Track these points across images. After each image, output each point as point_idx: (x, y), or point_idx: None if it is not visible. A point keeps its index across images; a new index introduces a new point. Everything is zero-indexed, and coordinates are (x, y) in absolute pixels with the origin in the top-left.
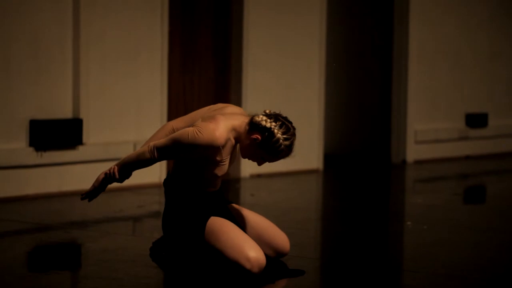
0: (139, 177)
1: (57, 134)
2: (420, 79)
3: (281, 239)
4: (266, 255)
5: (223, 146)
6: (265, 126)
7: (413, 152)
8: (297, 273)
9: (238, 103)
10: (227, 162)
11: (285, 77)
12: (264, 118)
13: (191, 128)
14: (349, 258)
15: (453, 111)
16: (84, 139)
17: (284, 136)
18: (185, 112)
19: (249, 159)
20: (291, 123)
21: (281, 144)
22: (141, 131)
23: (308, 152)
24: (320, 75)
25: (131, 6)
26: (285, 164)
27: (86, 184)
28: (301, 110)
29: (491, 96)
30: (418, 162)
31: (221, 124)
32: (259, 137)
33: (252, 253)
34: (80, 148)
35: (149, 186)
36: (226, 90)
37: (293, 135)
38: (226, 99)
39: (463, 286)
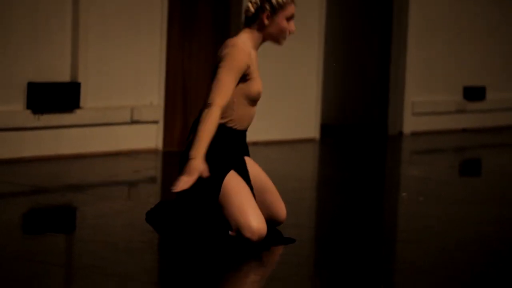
0: (136, 142)
1: (55, 98)
2: (418, 51)
3: (280, 207)
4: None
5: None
6: (256, 2)
7: (410, 123)
8: (291, 241)
9: None
10: (257, 75)
11: (283, 47)
12: (249, 3)
13: (222, 61)
14: (344, 228)
15: (450, 83)
16: (82, 103)
17: None
18: (183, 81)
19: (284, 35)
20: None
21: None
22: (139, 97)
23: (305, 121)
24: (319, 45)
25: None
26: (282, 133)
27: (83, 147)
28: (299, 79)
29: (489, 70)
30: (414, 134)
31: (234, 41)
32: (265, 10)
33: (255, 223)
34: (78, 111)
35: (146, 152)
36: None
37: None
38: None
39: (457, 259)
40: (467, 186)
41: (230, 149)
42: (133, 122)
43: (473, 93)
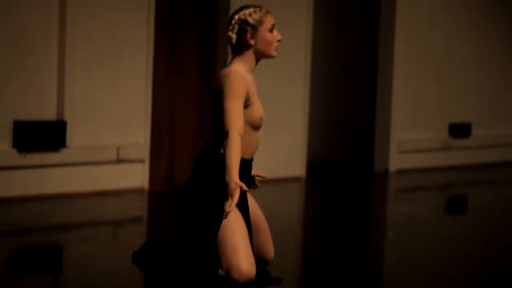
0: (122, 181)
1: (41, 136)
2: (404, 88)
3: (270, 248)
4: None
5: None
6: (234, 26)
7: (396, 161)
8: (278, 282)
9: None
10: (257, 99)
11: (269, 84)
12: (229, 32)
13: (223, 92)
14: (330, 268)
15: (436, 120)
16: (68, 142)
17: (245, 7)
18: (170, 118)
19: (273, 47)
20: None
21: (248, 6)
22: (125, 136)
23: (291, 160)
24: (305, 82)
25: (117, 8)
26: (268, 171)
27: (69, 187)
28: (285, 117)
29: (475, 107)
30: (400, 172)
31: (228, 70)
32: (246, 32)
33: (245, 266)
34: (64, 150)
35: (132, 191)
36: (211, 96)
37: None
38: (210, 106)
39: None
40: (453, 224)
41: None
42: (119, 161)
43: (459, 130)
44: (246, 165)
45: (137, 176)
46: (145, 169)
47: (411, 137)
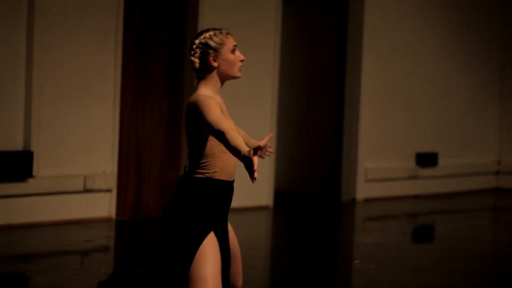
0: (89, 211)
1: (8, 166)
2: (371, 118)
3: (240, 278)
4: None
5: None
6: (196, 50)
7: (363, 190)
8: None
9: None
10: (230, 118)
11: (237, 112)
12: (191, 57)
13: (200, 112)
14: None
15: (403, 150)
16: (35, 172)
17: (205, 31)
18: (137, 148)
19: (237, 67)
20: None
21: (208, 30)
22: (92, 165)
23: (258, 189)
24: (272, 112)
25: (84, 37)
26: (235, 200)
27: (35, 216)
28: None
29: (442, 136)
30: (368, 201)
31: (196, 95)
32: (208, 55)
33: None
34: (30, 180)
35: (98, 220)
36: (179, 124)
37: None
38: (178, 134)
39: None
40: (419, 253)
41: (216, 205)
42: (86, 190)
43: (426, 160)
44: (227, 187)
45: (104, 206)
46: (112, 198)
47: (378, 166)
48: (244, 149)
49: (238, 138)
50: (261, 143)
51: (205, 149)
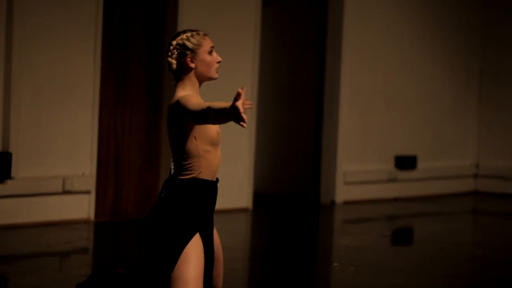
0: (68, 212)
1: None
2: (350, 121)
3: (220, 281)
4: None
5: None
6: (173, 51)
7: (342, 193)
8: None
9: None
10: None
11: None
12: (168, 58)
13: (179, 104)
14: None
15: (382, 153)
16: (13, 173)
17: (182, 32)
18: (116, 148)
19: (213, 69)
20: None
21: (185, 31)
22: (71, 166)
23: (237, 191)
24: (251, 114)
25: (64, 41)
26: None
27: (14, 218)
28: (231, 148)
29: (421, 139)
30: (347, 203)
31: (175, 95)
32: (185, 56)
33: None
34: (9, 182)
35: (77, 222)
36: (158, 126)
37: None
38: (158, 136)
39: None
40: (398, 255)
41: (202, 206)
42: (65, 192)
43: (405, 162)
44: (212, 187)
45: (83, 207)
46: (91, 200)
47: (357, 168)
48: (228, 104)
49: (220, 102)
50: (239, 90)
51: (190, 150)
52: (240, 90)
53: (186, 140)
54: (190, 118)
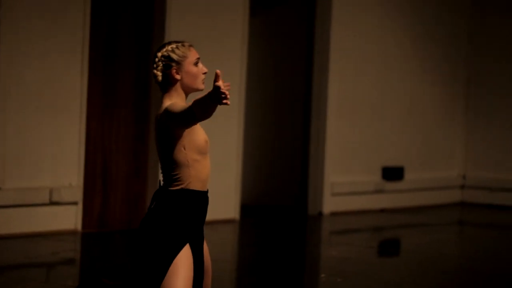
0: (55, 223)
1: None
2: (338, 132)
3: None
4: None
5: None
6: (158, 63)
7: (330, 204)
8: None
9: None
10: (198, 125)
11: (203, 127)
12: (154, 70)
13: (166, 111)
14: None
15: (369, 164)
16: (0, 184)
17: (167, 43)
18: (103, 159)
19: (199, 80)
20: None
21: (170, 42)
22: (58, 177)
23: (225, 202)
24: (238, 125)
25: (51, 52)
26: None
27: (1, 229)
28: (219, 159)
29: (408, 150)
30: (334, 214)
31: (162, 107)
32: (171, 68)
33: None
34: None
35: (64, 233)
36: (145, 136)
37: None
38: (145, 147)
39: None
40: (386, 266)
41: (192, 216)
42: (52, 203)
43: (392, 173)
44: (202, 198)
45: (70, 218)
46: (78, 211)
47: (344, 179)
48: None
49: (202, 95)
50: (217, 72)
51: (179, 160)
52: (218, 71)
53: (175, 149)
54: (179, 122)
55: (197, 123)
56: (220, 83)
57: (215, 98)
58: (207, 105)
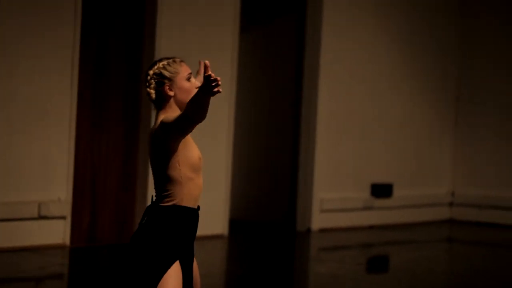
0: (43, 237)
1: None
2: (327, 148)
3: None
4: None
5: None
6: (150, 81)
7: (318, 220)
8: None
9: (147, 165)
10: (192, 141)
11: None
12: (147, 88)
13: (161, 124)
14: None
15: (358, 180)
16: None
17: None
18: (92, 174)
19: (192, 93)
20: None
21: (161, 59)
22: (47, 192)
23: (213, 217)
24: (228, 140)
25: (41, 68)
26: None
27: None
28: (208, 175)
29: (397, 167)
30: (323, 231)
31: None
32: (163, 85)
33: None
34: None
35: (53, 247)
36: (135, 151)
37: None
38: (134, 162)
39: None
40: (374, 283)
41: (183, 233)
42: (41, 217)
43: (381, 190)
44: (193, 214)
45: (58, 233)
46: (66, 225)
47: (333, 196)
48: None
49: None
50: (205, 62)
51: (172, 176)
52: (206, 62)
53: (169, 165)
54: (175, 129)
55: (193, 126)
56: (209, 73)
57: (206, 89)
58: (199, 100)
